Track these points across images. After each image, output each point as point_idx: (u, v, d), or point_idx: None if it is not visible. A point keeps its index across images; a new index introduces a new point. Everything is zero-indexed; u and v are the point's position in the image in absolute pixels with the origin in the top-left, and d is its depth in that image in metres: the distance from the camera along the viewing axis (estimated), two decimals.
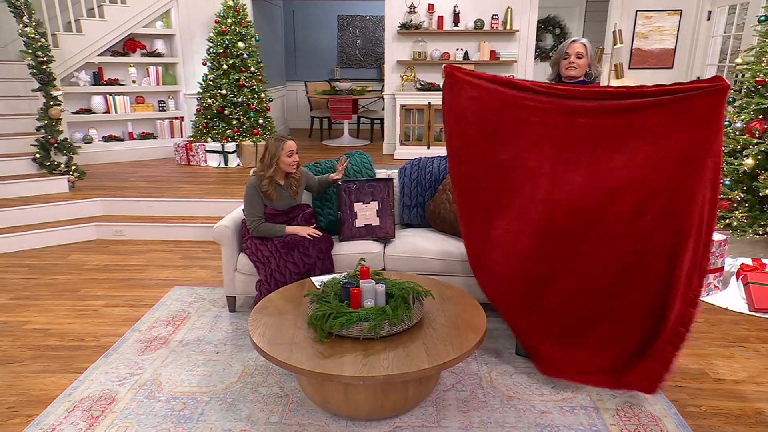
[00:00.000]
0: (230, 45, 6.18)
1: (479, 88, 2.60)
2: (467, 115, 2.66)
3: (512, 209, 2.56)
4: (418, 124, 6.73)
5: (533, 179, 2.49)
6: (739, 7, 6.05)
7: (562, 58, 2.72)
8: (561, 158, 2.45)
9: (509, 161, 2.57)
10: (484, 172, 2.64)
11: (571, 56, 2.67)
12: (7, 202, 4.64)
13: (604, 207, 2.34)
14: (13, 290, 3.53)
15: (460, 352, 2.07)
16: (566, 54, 2.70)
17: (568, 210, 2.40)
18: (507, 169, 2.58)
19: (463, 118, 2.68)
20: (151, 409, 2.29)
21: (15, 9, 4.86)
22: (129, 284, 3.63)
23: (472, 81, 2.64)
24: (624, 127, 2.32)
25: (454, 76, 2.67)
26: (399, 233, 3.35)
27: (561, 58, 2.73)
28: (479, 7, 6.63)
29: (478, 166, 2.65)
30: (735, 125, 3.79)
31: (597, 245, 2.36)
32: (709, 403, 2.38)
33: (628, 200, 2.29)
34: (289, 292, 2.61)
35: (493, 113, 2.58)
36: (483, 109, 2.60)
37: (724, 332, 3.01)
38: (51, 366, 2.64)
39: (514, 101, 2.53)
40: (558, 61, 2.75)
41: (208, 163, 6.35)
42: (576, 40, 2.71)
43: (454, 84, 2.67)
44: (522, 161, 2.53)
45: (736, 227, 3.63)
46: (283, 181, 3.09)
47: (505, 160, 2.57)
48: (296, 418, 2.25)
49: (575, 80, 2.70)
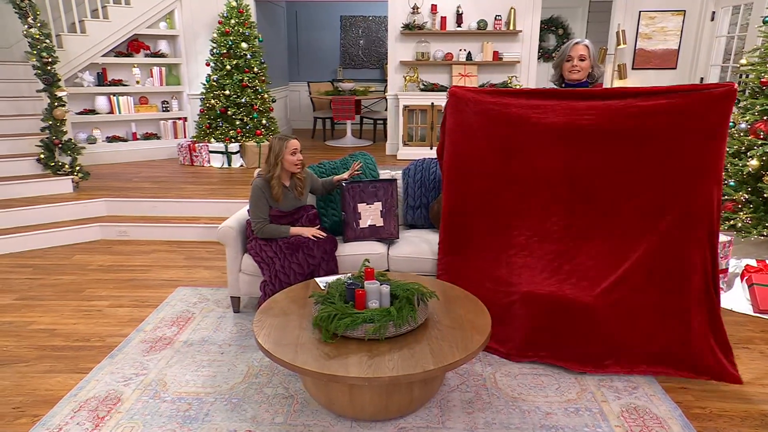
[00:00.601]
0: (233, 46, 6.19)
1: (483, 102, 2.66)
2: (475, 130, 2.70)
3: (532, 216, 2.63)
4: (420, 125, 6.73)
5: (551, 186, 2.57)
6: (743, 7, 6.04)
7: (564, 61, 2.73)
8: (574, 161, 2.51)
9: (523, 170, 2.62)
10: (501, 183, 2.68)
11: (573, 59, 2.68)
12: (11, 202, 4.65)
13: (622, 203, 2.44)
14: (18, 290, 3.55)
15: (465, 353, 2.07)
16: (569, 57, 2.70)
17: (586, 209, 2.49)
18: (522, 177, 2.63)
19: (471, 133, 2.71)
20: (156, 410, 2.30)
21: (20, 10, 4.88)
22: (133, 285, 3.64)
23: (475, 97, 2.69)
24: (635, 129, 2.39)
25: (457, 94, 2.72)
26: (403, 234, 3.35)
27: (564, 60, 2.73)
28: (482, 8, 6.63)
29: (493, 179, 2.69)
30: (739, 126, 3.78)
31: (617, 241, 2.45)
32: (714, 404, 2.37)
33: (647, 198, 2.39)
34: (294, 293, 2.62)
35: (501, 125, 2.64)
36: (491, 122, 2.65)
37: (729, 334, 2.96)
38: (57, 366, 2.65)
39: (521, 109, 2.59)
40: (560, 64, 2.76)
41: (212, 163, 6.36)
42: (578, 42, 2.71)
43: (459, 102, 2.71)
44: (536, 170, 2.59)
45: (741, 228, 3.63)
46: (289, 182, 3.09)
47: (519, 170, 2.63)
48: (301, 419, 2.25)
49: (578, 83, 2.71)
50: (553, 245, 2.62)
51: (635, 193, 2.44)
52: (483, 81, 6.77)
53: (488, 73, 6.78)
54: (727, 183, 3.72)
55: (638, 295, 2.46)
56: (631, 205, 2.45)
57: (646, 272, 2.44)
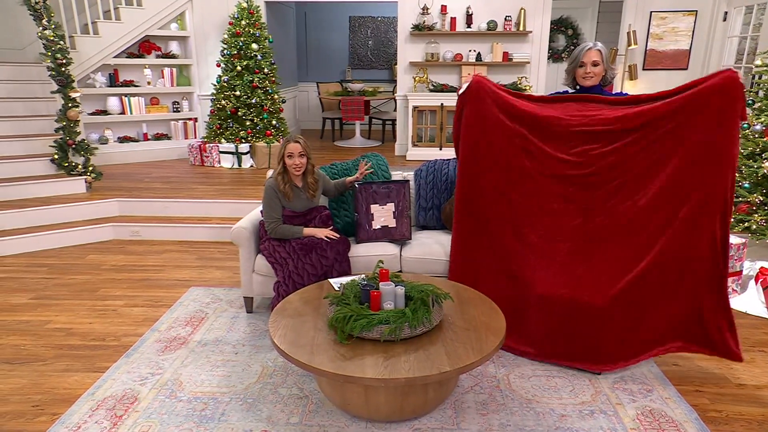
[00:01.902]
0: (244, 47, 6.22)
1: (504, 97, 2.70)
2: (494, 122, 2.71)
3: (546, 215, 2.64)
4: (430, 126, 6.73)
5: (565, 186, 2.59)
6: (756, 7, 5.99)
7: (577, 66, 2.68)
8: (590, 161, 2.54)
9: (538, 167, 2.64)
10: (515, 178, 2.69)
11: (586, 65, 2.64)
12: (26, 202, 4.71)
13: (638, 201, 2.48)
14: (34, 290, 3.59)
15: (480, 354, 2.08)
16: (581, 62, 2.66)
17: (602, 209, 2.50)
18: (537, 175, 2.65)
19: (490, 124, 2.72)
20: (173, 409, 2.32)
21: (34, 12, 4.93)
22: (147, 284, 3.67)
23: (497, 90, 2.71)
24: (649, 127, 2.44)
25: (481, 83, 2.73)
26: (415, 235, 3.36)
27: (576, 66, 2.69)
28: (492, 9, 6.62)
29: (508, 173, 2.70)
30: (754, 128, 3.75)
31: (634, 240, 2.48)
32: (730, 408, 2.36)
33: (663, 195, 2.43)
34: (308, 294, 2.63)
35: (519, 121, 2.65)
36: (509, 117, 2.67)
37: (744, 337, 2.98)
38: (74, 365, 2.67)
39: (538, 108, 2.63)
40: (573, 69, 2.72)
41: (222, 164, 6.39)
42: (591, 47, 2.65)
43: (481, 90, 2.72)
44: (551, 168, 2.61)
45: (755, 231, 3.59)
46: (301, 183, 3.11)
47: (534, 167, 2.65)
48: (316, 419, 2.26)
49: (590, 89, 2.68)
50: (566, 244, 2.62)
51: (651, 190, 2.46)
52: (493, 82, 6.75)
53: (498, 74, 6.77)
54: (741, 185, 3.69)
55: (654, 288, 2.48)
56: (646, 203, 2.46)
57: (662, 267, 2.46)
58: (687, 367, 2.67)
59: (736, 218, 3.73)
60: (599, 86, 2.73)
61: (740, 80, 2.31)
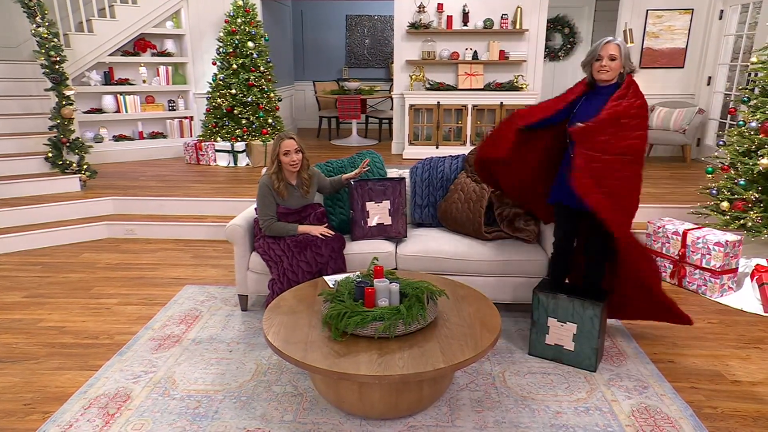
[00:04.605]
0: (240, 45, 6.19)
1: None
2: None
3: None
4: (426, 124, 6.72)
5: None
6: (752, 5, 6.00)
7: (594, 60, 2.60)
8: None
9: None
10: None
11: (603, 59, 2.53)
12: (19, 200, 4.67)
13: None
14: (27, 288, 3.56)
15: (475, 351, 2.07)
16: (599, 56, 2.56)
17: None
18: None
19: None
20: (166, 407, 2.30)
21: (28, 9, 4.90)
22: (141, 283, 3.65)
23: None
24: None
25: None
26: (411, 233, 3.35)
27: (593, 59, 2.59)
28: (489, 7, 6.61)
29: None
30: (750, 125, 3.75)
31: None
32: (726, 404, 2.36)
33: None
34: (302, 291, 2.62)
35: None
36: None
37: (740, 333, 2.99)
38: (66, 363, 2.65)
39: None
40: (590, 62, 2.63)
41: (218, 162, 6.37)
42: (610, 41, 2.54)
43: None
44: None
45: (751, 228, 3.60)
46: (295, 180, 3.09)
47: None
48: (310, 417, 2.25)
49: (606, 84, 2.60)
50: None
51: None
52: (489, 80, 6.75)
53: (494, 72, 6.77)
54: (737, 182, 3.69)
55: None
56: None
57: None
58: (682, 364, 2.67)
59: (732, 215, 3.73)
60: (616, 85, 2.63)
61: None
